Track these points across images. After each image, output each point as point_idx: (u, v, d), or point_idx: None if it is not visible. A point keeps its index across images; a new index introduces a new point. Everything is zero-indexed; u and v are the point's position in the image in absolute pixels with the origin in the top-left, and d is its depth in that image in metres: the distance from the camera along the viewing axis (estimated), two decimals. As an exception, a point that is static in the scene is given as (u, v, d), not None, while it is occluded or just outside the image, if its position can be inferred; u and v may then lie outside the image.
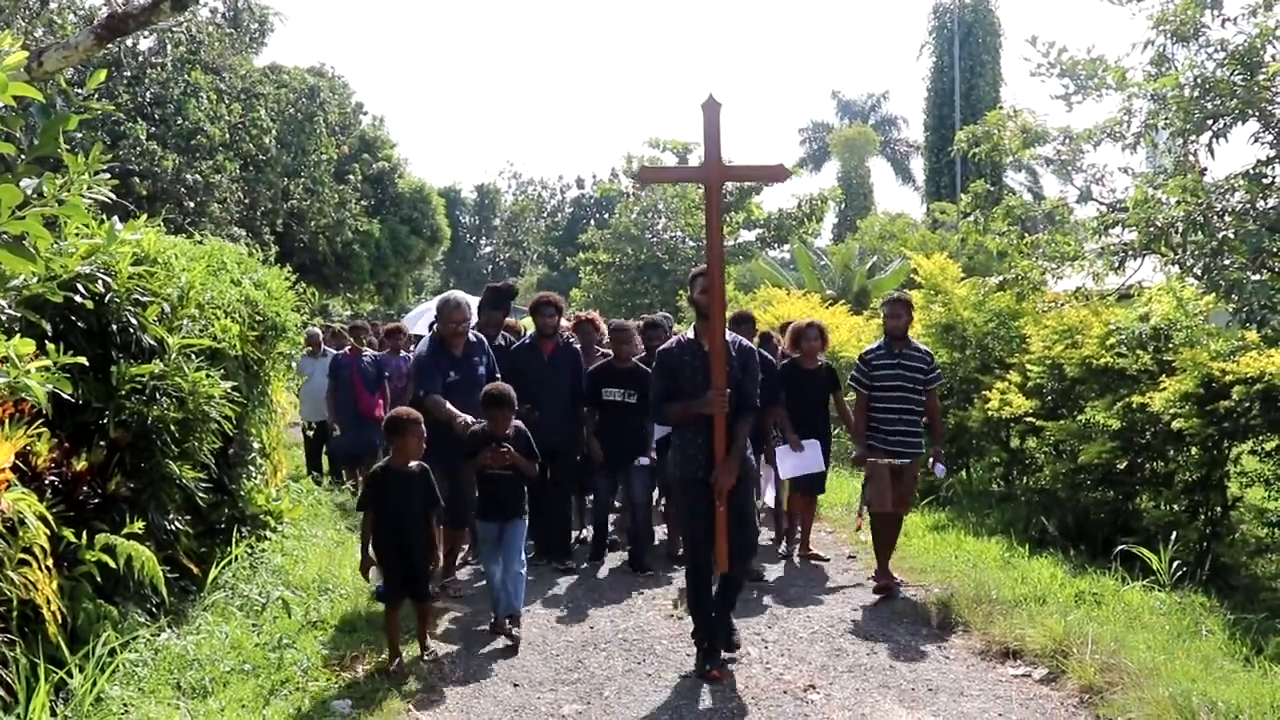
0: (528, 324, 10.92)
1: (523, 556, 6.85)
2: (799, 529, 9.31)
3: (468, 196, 61.58)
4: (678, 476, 6.29)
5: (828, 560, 9.06)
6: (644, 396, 8.20)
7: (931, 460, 8.21)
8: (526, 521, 6.93)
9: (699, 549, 6.14)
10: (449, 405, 7.26)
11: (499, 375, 7.84)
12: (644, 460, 8.87)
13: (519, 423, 6.91)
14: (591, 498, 9.97)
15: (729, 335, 6.18)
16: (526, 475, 6.85)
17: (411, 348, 11.34)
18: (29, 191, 3.34)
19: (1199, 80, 9.57)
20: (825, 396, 9.20)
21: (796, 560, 9.07)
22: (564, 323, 9.76)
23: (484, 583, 7.31)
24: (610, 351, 9.22)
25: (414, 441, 6.11)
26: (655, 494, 10.22)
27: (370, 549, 6.06)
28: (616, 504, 10.05)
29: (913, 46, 79.21)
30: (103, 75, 4.17)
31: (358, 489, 10.45)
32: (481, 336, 8.14)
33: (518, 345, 9.07)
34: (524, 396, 7.46)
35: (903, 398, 7.89)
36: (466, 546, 8.69)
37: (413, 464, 6.13)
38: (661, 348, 6.42)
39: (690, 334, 6.28)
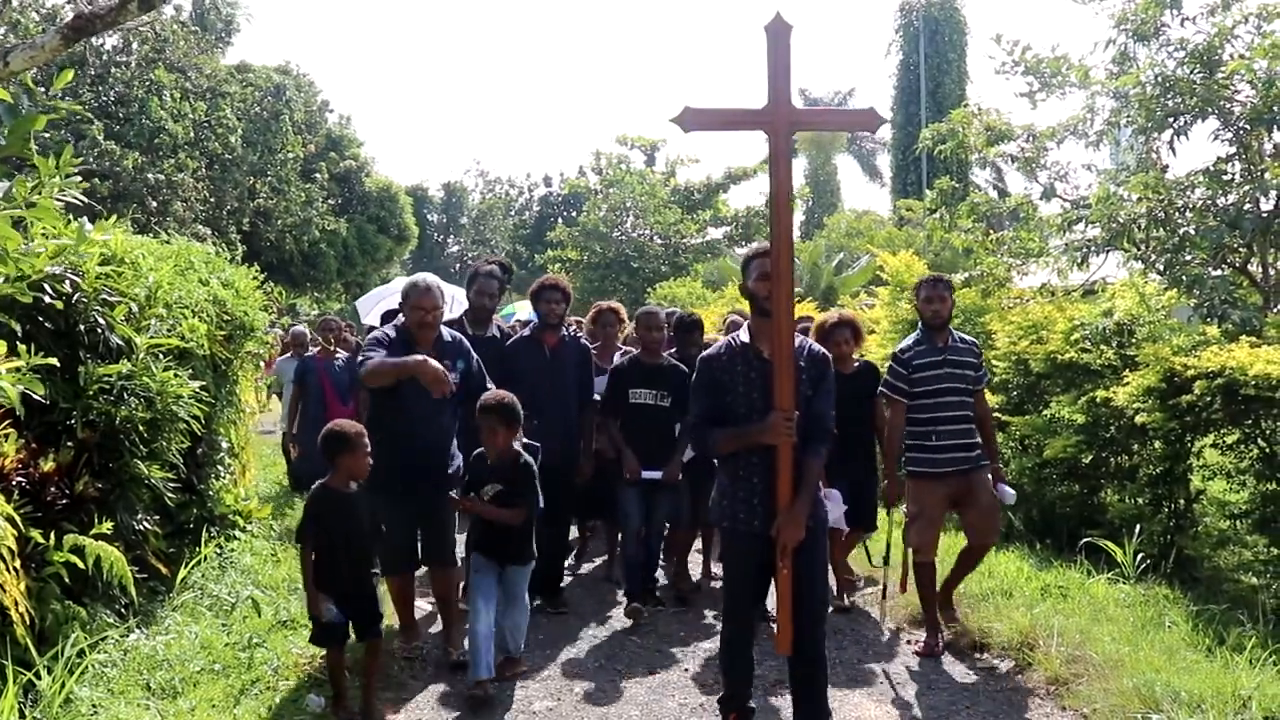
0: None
1: (526, 601, 6.04)
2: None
3: (435, 195, 61.31)
4: (724, 525, 4.76)
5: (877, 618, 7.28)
6: (680, 400, 7.08)
7: (991, 480, 6.63)
8: (532, 566, 6.03)
9: (737, 612, 4.88)
10: (393, 360, 5.82)
11: (487, 378, 6.41)
12: (655, 474, 7.21)
13: (523, 448, 5.87)
14: (592, 524, 9.09)
15: (797, 338, 4.68)
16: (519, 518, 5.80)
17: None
18: (-2, 194, 3.34)
19: (1160, 78, 9.70)
20: (868, 406, 7.34)
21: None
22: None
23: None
24: (629, 349, 8.09)
25: (360, 460, 5.28)
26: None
27: (314, 585, 5.25)
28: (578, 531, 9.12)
29: (879, 44, 79.69)
30: (69, 75, 4.15)
31: None
32: (460, 335, 6.49)
33: (514, 339, 7.61)
34: (520, 396, 6.36)
35: (957, 402, 6.43)
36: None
37: (354, 485, 5.35)
38: (706, 353, 4.85)
39: (744, 336, 4.75)
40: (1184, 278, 8.79)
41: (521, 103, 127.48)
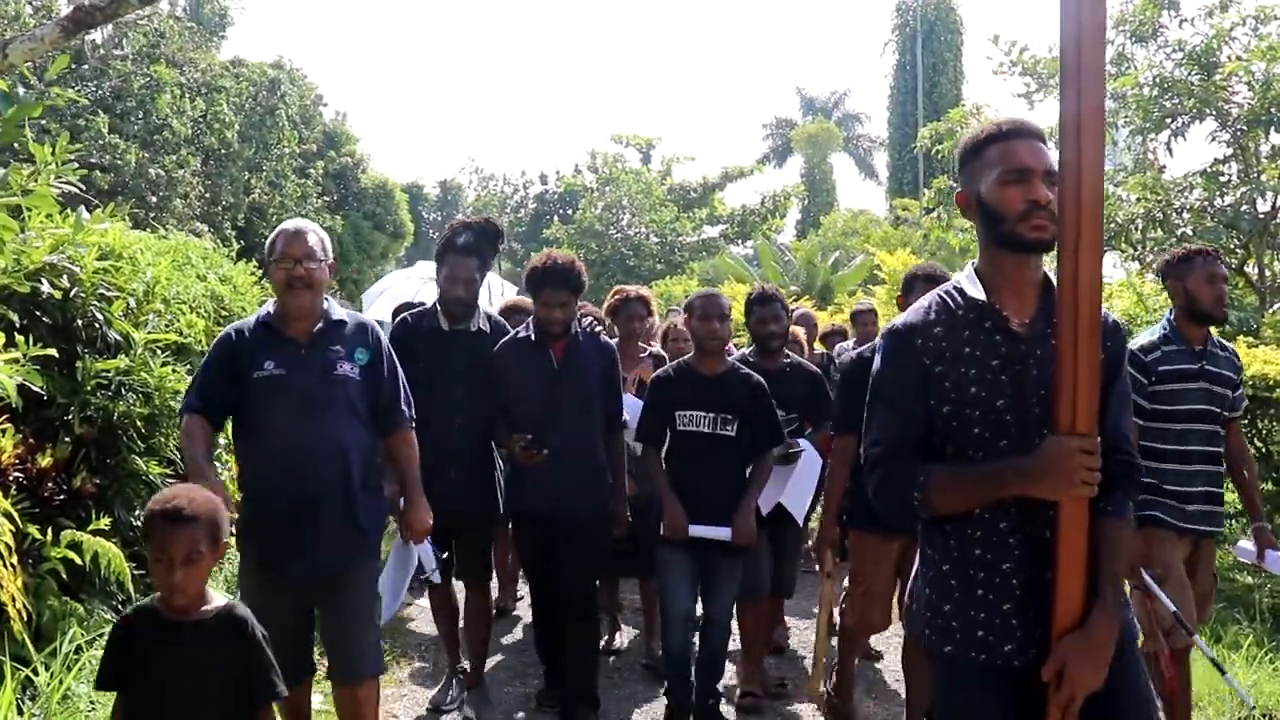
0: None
1: None
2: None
3: (430, 192, 61.37)
4: (947, 652, 2.46)
5: None
6: (751, 424, 4.82)
7: (1253, 543, 4.60)
8: None
9: None
10: (200, 454, 3.96)
11: (406, 389, 4.25)
12: (723, 532, 4.68)
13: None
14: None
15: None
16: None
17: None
18: (-4, 183, 3.33)
19: (1157, 79, 9.74)
20: None
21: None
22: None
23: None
24: (665, 350, 6.09)
25: (162, 570, 2.77)
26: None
27: None
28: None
29: (875, 43, 79.98)
30: (65, 61, 4.13)
31: None
32: (367, 320, 4.26)
33: (506, 340, 5.14)
34: (519, 425, 4.87)
35: (1209, 433, 4.35)
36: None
37: (213, 604, 2.89)
38: (899, 321, 2.58)
39: (970, 288, 2.48)
40: (1181, 278, 8.81)
41: (517, 101, 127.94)
